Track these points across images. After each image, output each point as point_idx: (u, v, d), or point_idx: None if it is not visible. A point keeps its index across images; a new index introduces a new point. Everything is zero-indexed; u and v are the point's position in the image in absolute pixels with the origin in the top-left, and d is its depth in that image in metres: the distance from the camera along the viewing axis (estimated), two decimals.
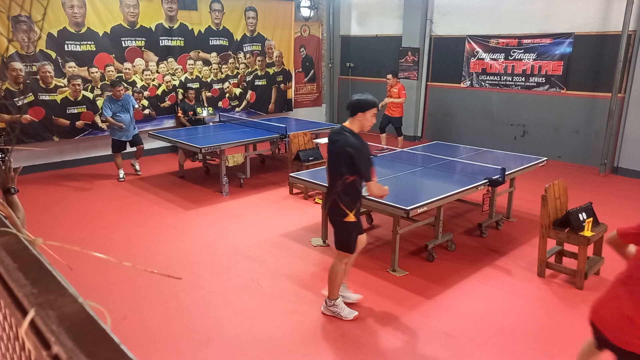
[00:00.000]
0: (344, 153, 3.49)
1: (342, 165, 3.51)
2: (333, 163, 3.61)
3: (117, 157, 7.51)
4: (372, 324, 3.78)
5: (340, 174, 3.54)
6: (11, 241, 0.84)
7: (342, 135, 3.56)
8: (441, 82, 10.39)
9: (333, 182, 3.62)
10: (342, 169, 3.52)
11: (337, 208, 3.62)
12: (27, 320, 0.60)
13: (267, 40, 10.54)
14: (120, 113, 7.26)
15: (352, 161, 3.47)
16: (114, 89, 7.25)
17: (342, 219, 3.63)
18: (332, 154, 3.62)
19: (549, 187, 4.44)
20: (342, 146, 3.50)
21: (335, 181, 3.60)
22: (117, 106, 7.25)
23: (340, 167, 3.52)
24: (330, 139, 3.68)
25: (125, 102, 7.33)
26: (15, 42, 7.30)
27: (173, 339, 3.57)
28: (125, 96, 7.40)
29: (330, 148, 3.65)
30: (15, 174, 2.31)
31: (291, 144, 7.21)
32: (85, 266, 4.51)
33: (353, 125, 3.59)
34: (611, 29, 7.96)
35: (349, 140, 3.49)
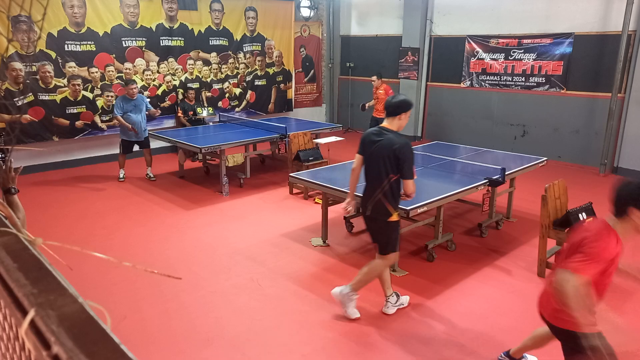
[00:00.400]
0: (389, 152, 3.52)
1: (388, 164, 3.54)
2: (376, 163, 3.61)
3: (122, 157, 7.48)
4: (372, 324, 3.78)
5: (385, 173, 3.56)
6: (11, 241, 0.84)
7: (385, 135, 3.60)
8: (441, 82, 10.39)
9: (377, 183, 3.62)
10: (388, 168, 3.54)
11: (382, 208, 3.63)
12: (27, 320, 0.60)
13: (267, 40, 10.54)
14: (131, 113, 7.18)
15: (397, 160, 3.50)
16: (128, 87, 7.20)
17: (387, 219, 3.64)
18: (375, 154, 3.61)
19: (549, 187, 4.44)
20: (388, 145, 3.53)
21: (380, 181, 3.60)
22: (130, 106, 7.18)
23: (386, 167, 3.55)
24: (369, 141, 3.68)
25: (138, 102, 7.27)
26: (15, 42, 7.31)
27: (173, 339, 3.57)
28: (139, 96, 7.35)
29: (371, 149, 3.64)
30: (16, 174, 2.31)
31: (291, 144, 7.21)
32: (85, 266, 4.51)
33: (392, 126, 3.64)
34: (611, 29, 7.96)
35: (394, 139, 3.54)
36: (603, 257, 2.32)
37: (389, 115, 3.65)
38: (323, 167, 6.09)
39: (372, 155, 3.64)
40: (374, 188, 3.64)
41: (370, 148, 3.65)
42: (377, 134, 3.66)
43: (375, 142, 3.62)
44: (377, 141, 3.61)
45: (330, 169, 5.75)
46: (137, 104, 7.24)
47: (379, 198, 3.62)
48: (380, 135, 3.63)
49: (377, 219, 3.69)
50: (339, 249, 5.15)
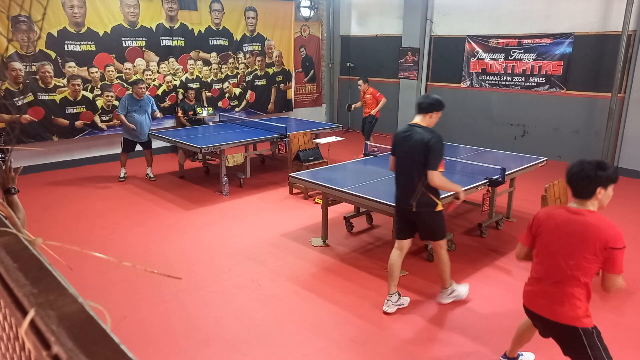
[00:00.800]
0: (422, 145, 3.64)
1: (422, 157, 3.65)
2: (411, 159, 3.71)
3: (124, 156, 7.48)
4: (372, 323, 3.78)
5: (423, 166, 3.66)
6: (11, 241, 0.84)
7: (416, 130, 3.74)
8: (441, 82, 10.39)
9: (417, 178, 3.71)
10: (424, 162, 3.65)
11: (427, 199, 3.75)
12: (27, 320, 0.60)
13: (267, 40, 10.54)
14: (136, 113, 7.17)
15: (427, 151, 3.62)
16: (136, 86, 7.19)
17: (434, 209, 3.79)
18: (409, 151, 3.72)
19: (549, 187, 4.44)
20: (420, 140, 3.66)
21: (419, 175, 3.70)
22: (136, 106, 7.18)
23: (422, 161, 3.65)
24: (399, 140, 3.81)
25: (145, 103, 7.27)
26: (15, 42, 7.30)
27: (173, 339, 3.57)
28: (146, 97, 7.34)
29: (404, 147, 3.76)
30: (16, 174, 2.31)
31: (291, 144, 7.21)
32: (85, 266, 4.51)
33: (423, 122, 3.79)
34: (611, 29, 7.96)
35: (425, 133, 3.69)
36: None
37: (421, 112, 3.80)
38: (323, 167, 6.09)
39: (406, 153, 3.75)
40: (415, 184, 3.74)
41: (403, 146, 3.77)
42: (407, 131, 3.79)
43: (407, 138, 3.74)
44: (410, 137, 3.73)
45: (330, 169, 5.75)
46: (142, 105, 7.24)
47: (422, 192, 3.72)
48: (410, 132, 3.76)
49: (424, 212, 3.79)
50: (339, 249, 5.15)
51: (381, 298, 4.14)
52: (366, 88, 9.01)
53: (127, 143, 7.38)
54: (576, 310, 2.54)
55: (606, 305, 4.05)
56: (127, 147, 7.41)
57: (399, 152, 3.83)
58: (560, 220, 2.60)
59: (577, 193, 2.58)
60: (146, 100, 7.29)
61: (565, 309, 2.56)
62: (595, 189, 2.51)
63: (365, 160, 6.25)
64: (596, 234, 2.44)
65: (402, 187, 3.86)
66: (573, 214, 2.56)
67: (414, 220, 3.89)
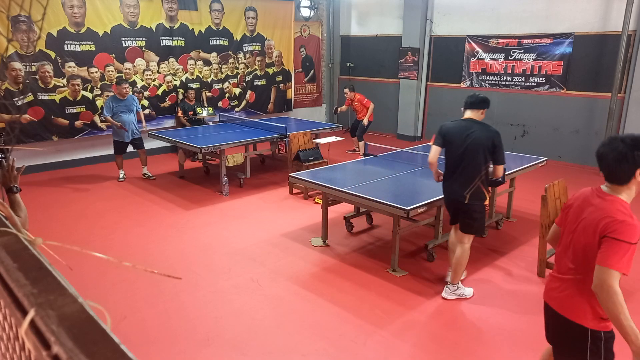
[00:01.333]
0: (488, 142, 3.81)
1: (487, 153, 3.83)
2: (473, 152, 3.84)
3: (118, 158, 7.49)
4: (372, 324, 3.78)
5: (484, 161, 3.85)
6: (11, 241, 0.84)
7: (476, 126, 3.89)
8: (441, 82, 10.39)
9: (476, 171, 3.87)
10: (487, 156, 3.84)
11: (480, 193, 3.92)
12: (27, 320, 0.60)
13: (267, 40, 10.54)
14: (122, 113, 7.19)
15: (494, 148, 3.81)
16: (119, 86, 7.20)
17: (482, 202, 3.96)
18: (472, 145, 3.84)
19: (549, 187, 4.44)
20: (484, 136, 3.82)
21: (479, 169, 3.87)
22: (121, 106, 7.19)
23: (485, 155, 3.84)
24: (458, 132, 3.92)
25: (129, 102, 7.28)
26: (15, 42, 7.30)
27: (173, 339, 3.57)
28: (130, 97, 7.35)
29: (466, 141, 3.86)
30: (18, 173, 2.31)
31: (291, 144, 7.20)
32: (85, 266, 4.51)
33: (476, 117, 3.98)
34: (611, 29, 7.97)
35: (490, 131, 3.86)
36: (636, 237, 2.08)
37: (473, 108, 3.98)
38: (323, 167, 6.09)
39: (468, 147, 3.86)
40: (472, 177, 3.88)
41: (463, 141, 3.87)
42: (465, 127, 3.91)
43: (467, 134, 3.86)
44: (470, 133, 3.86)
45: (330, 169, 5.75)
46: (127, 104, 7.26)
47: (478, 185, 3.89)
48: (470, 127, 3.89)
49: (473, 204, 3.94)
50: (339, 249, 5.15)
51: (381, 298, 4.14)
52: (352, 96, 9.08)
53: (118, 145, 7.39)
54: (587, 308, 2.25)
55: None
56: (119, 149, 7.41)
57: (456, 146, 3.92)
58: (581, 202, 2.30)
59: (610, 178, 2.20)
60: (130, 100, 7.31)
61: (574, 304, 2.28)
62: (633, 173, 2.12)
63: (365, 160, 6.25)
64: (603, 220, 2.13)
65: (457, 179, 3.97)
66: (596, 197, 2.23)
67: (461, 210, 4.02)
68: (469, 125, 3.91)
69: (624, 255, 2.06)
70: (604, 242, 2.11)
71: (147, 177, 7.59)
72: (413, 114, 10.69)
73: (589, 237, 2.19)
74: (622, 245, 2.05)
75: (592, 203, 2.24)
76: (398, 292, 4.25)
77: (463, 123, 3.95)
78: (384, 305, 4.04)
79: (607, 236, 2.09)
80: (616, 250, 2.06)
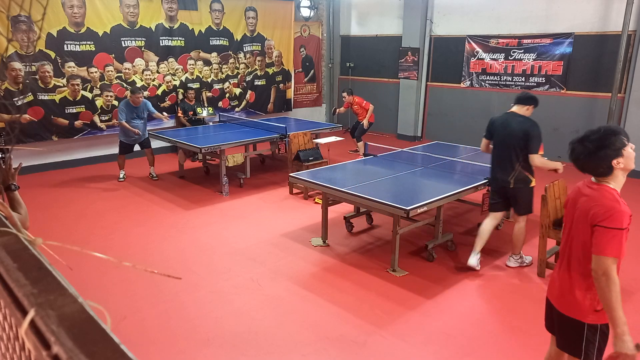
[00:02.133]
0: (521, 132, 4.26)
1: (521, 142, 4.28)
2: (511, 143, 4.34)
3: (121, 158, 7.50)
4: (372, 324, 3.78)
5: (520, 150, 4.31)
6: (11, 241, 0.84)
7: (515, 119, 4.36)
8: (441, 82, 10.39)
9: (515, 158, 4.36)
10: (521, 146, 4.29)
11: (524, 177, 4.42)
12: (27, 320, 0.60)
13: (267, 40, 10.54)
14: (133, 120, 7.23)
15: (527, 138, 4.24)
16: (134, 95, 7.19)
17: (528, 185, 4.46)
18: (509, 136, 4.34)
19: (549, 187, 4.44)
20: (521, 128, 4.28)
21: (517, 156, 4.35)
22: (134, 112, 7.24)
23: (520, 145, 4.29)
24: (500, 124, 4.44)
25: (141, 109, 7.31)
26: (15, 42, 7.30)
27: (173, 339, 3.57)
28: (142, 103, 7.36)
29: (504, 133, 4.37)
30: (16, 172, 2.32)
31: (291, 144, 7.20)
32: (85, 266, 4.51)
33: (521, 111, 4.39)
34: (611, 29, 7.97)
35: (525, 121, 4.32)
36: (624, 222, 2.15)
37: (520, 103, 4.41)
38: (323, 167, 6.09)
39: (506, 138, 4.37)
40: (512, 164, 4.39)
41: (502, 132, 4.39)
42: (507, 120, 4.41)
43: (505, 126, 4.38)
44: (507, 125, 4.36)
45: (330, 169, 5.75)
46: (139, 111, 7.30)
47: (520, 170, 4.39)
48: (511, 120, 4.37)
49: (520, 188, 4.45)
50: (339, 249, 5.15)
51: (381, 298, 4.14)
52: (351, 99, 9.09)
53: (124, 146, 7.39)
54: (582, 302, 2.31)
55: None
56: (124, 150, 7.42)
57: (498, 137, 4.45)
58: (575, 194, 2.38)
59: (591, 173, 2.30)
60: (142, 107, 7.33)
61: (570, 299, 2.35)
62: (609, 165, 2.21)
63: (365, 160, 6.25)
64: (592, 210, 2.20)
65: (501, 167, 4.48)
66: (587, 188, 2.31)
67: (509, 195, 4.52)
68: (510, 118, 4.39)
69: (616, 241, 2.14)
70: (595, 231, 2.18)
71: (152, 178, 7.60)
72: (413, 114, 10.68)
73: (584, 228, 2.26)
74: (613, 232, 2.13)
75: (583, 194, 2.33)
76: (398, 292, 4.25)
77: (505, 116, 4.45)
78: (384, 305, 4.04)
79: (598, 225, 2.17)
80: (608, 238, 2.14)
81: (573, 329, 2.38)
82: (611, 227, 2.14)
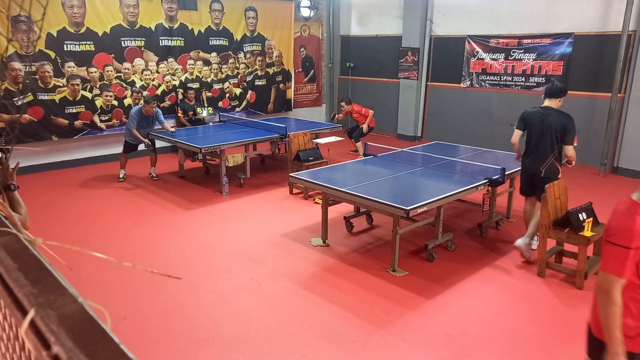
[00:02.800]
0: (560, 125, 4.62)
1: (558, 135, 4.65)
2: (547, 135, 4.69)
3: (124, 157, 7.52)
4: (372, 324, 3.78)
5: (557, 141, 4.68)
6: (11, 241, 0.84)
7: (551, 113, 4.72)
8: (441, 82, 10.39)
9: (550, 150, 4.72)
10: (558, 138, 4.65)
11: (555, 168, 4.77)
12: (27, 320, 0.60)
13: (267, 40, 10.54)
14: (140, 127, 7.28)
15: (564, 130, 4.60)
16: (148, 105, 7.20)
17: (557, 176, 4.75)
18: (547, 128, 4.69)
19: (549, 187, 4.44)
20: (557, 120, 4.66)
21: (552, 149, 4.72)
22: (145, 121, 7.29)
23: (557, 137, 4.66)
24: (536, 117, 4.78)
25: (152, 118, 7.36)
26: (15, 42, 7.30)
27: (173, 339, 3.57)
28: (155, 113, 7.36)
29: (542, 125, 4.71)
30: (14, 171, 2.32)
31: (291, 144, 7.20)
32: (85, 266, 4.51)
33: (553, 104, 4.76)
34: (611, 29, 7.97)
35: (562, 116, 4.68)
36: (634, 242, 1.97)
37: (551, 97, 4.77)
38: (323, 167, 6.09)
39: (543, 130, 4.70)
40: (547, 155, 4.74)
41: (540, 125, 4.73)
42: (543, 113, 4.74)
43: (542, 119, 4.72)
44: (545, 119, 4.70)
45: (330, 169, 5.75)
46: (149, 120, 7.35)
47: (552, 161, 4.74)
48: (547, 114, 4.71)
49: (549, 178, 4.69)
50: (339, 249, 5.15)
51: (381, 298, 4.14)
52: (350, 108, 9.11)
53: (129, 145, 7.42)
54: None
55: None
56: (128, 149, 7.45)
57: (535, 129, 4.77)
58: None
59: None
60: (154, 116, 7.38)
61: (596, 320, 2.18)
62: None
63: (365, 160, 6.25)
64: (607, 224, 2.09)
65: (535, 157, 4.82)
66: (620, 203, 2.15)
67: (536, 182, 4.82)
68: (546, 112, 4.72)
69: (620, 259, 1.98)
70: (604, 246, 2.06)
71: (152, 178, 7.62)
72: (413, 114, 10.68)
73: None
74: (618, 250, 1.98)
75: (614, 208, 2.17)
76: (398, 292, 4.25)
77: (541, 110, 4.77)
78: (384, 305, 4.04)
79: (606, 240, 2.05)
80: (614, 255, 2.00)
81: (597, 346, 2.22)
82: (618, 244, 1.98)
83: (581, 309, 3.99)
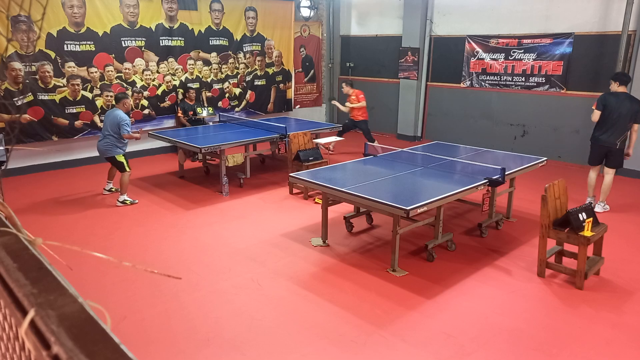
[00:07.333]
0: (633, 107, 5.89)
1: (632, 115, 5.90)
2: (625, 115, 5.92)
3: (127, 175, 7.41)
4: (372, 324, 3.78)
5: (630, 120, 5.93)
6: (11, 241, 0.84)
7: (627, 97, 5.97)
8: (441, 82, 10.39)
9: (625, 127, 5.98)
10: (631, 117, 5.92)
11: (625, 140, 6.06)
12: (27, 320, 0.60)
13: (267, 40, 10.54)
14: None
15: (636, 112, 5.90)
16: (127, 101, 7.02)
17: (623, 147, 6.10)
18: (625, 109, 5.91)
19: (549, 187, 4.44)
20: (631, 104, 5.91)
21: (626, 126, 5.98)
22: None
23: (630, 117, 5.91)
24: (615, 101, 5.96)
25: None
26: (15, 42, 7.30)
27: (173, 339, 3.57)
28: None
29: (620, 107, 5.92)
30: None
31: (291, 144, 7.21)
32: (84, 266, 4.51)
33: (625, 90, 6.04)
34: (611, 29, 7.97)
35: (634, 99, 5.98)
36: None
37: (623, 83, 6.03)
38: (323, 167, 6.09)
39: (622, 111, 5.91)
40: (623, 130, 5.99)
41: (619, 107, 5.93)
42: (622, 98, 5.96)
43: (620, 103, 5.94)
44: (625, 103, 5.93)
45: (330, 169, 5.75)
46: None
47: (626, 135, 6.03)
48: (624, 98, 5.96)
49: (621, 149, 6.08)
50: (339, 249, 5.15)
51: (381, 298, 4.14)
52: (351, 91, 9.20)
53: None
54: None
55: (606, 305, 4.05)
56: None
57: (616, 111, 5.94)
58: None
59: None
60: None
61: None
62: None
63: (365, 160, 6.25)
64: None
65: (614, 132, 5.99)
66: None
67: (610, 152, 6.10)
68: (622, 95, 5.98)
69: None
70: None
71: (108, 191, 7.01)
72: (413, 114, 10.68)
73: None
74: None
75: None
76: (398, 292, 4.25)
77: (618, 95, 5.99)
78: (384, 305, 4.04)
79: None
80: None
81: None
82: None
83: (581, 309, 3.99)
